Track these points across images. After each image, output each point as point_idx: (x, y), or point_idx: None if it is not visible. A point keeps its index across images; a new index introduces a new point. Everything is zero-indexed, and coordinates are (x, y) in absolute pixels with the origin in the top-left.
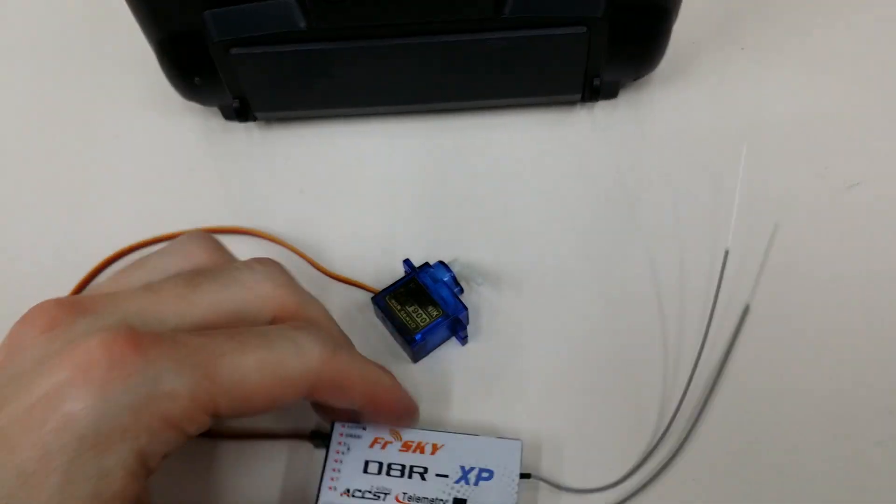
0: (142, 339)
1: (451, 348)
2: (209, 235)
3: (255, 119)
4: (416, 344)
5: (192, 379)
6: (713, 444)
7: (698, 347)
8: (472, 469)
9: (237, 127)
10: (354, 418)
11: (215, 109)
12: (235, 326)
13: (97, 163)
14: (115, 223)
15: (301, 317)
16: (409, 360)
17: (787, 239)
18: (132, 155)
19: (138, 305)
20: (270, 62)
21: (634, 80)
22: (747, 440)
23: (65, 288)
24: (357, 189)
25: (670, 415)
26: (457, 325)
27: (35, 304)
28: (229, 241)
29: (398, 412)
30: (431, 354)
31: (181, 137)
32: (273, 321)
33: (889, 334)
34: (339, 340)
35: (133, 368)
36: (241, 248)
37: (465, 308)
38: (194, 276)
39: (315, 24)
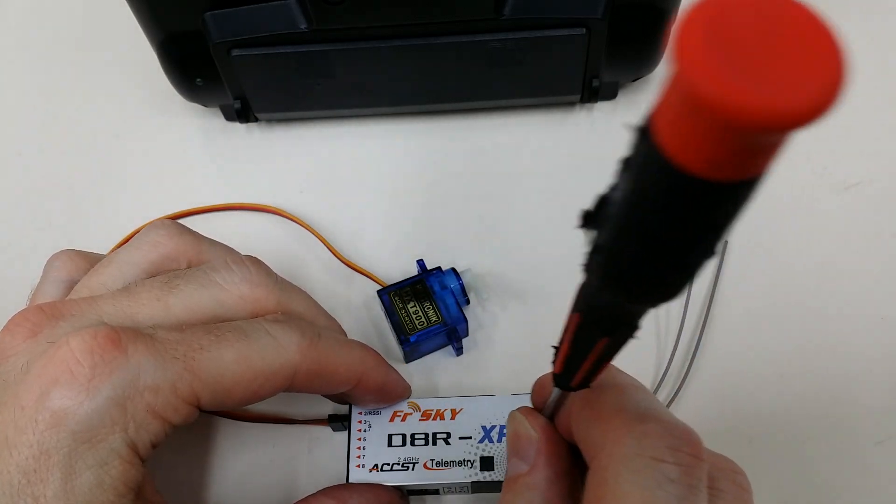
0: (121, 335)
1: (445, 356)
2: (172, 222)
3: (255, 120)
4: (409, 345)
5: (173, 372)
6: (709, 384)
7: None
8: (493, 427)
9: (238, 127)
10: (343, 401)
11: (216, 110)
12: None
13: (98, 163)
14: (116, 222)
15: (282, 312)
16: (402, 359)
17: (787, 239)
18: (133, 155)
19: (115, 308)
20: (271, 63)
21: (633, 80)
22: (741, 375)
23: None
24: (357, 190)
25: (667, 361)
26: (453, 334)
27: (25, 300)
28: (250, 219)
29: (386, 392)
30: (424, 359)
31: (182, 138)
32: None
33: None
34: (320, 329)
35: (115, 364)
36: (260, 226)
37: (466, 320)
38: (172, 279)
39: (315, 25)
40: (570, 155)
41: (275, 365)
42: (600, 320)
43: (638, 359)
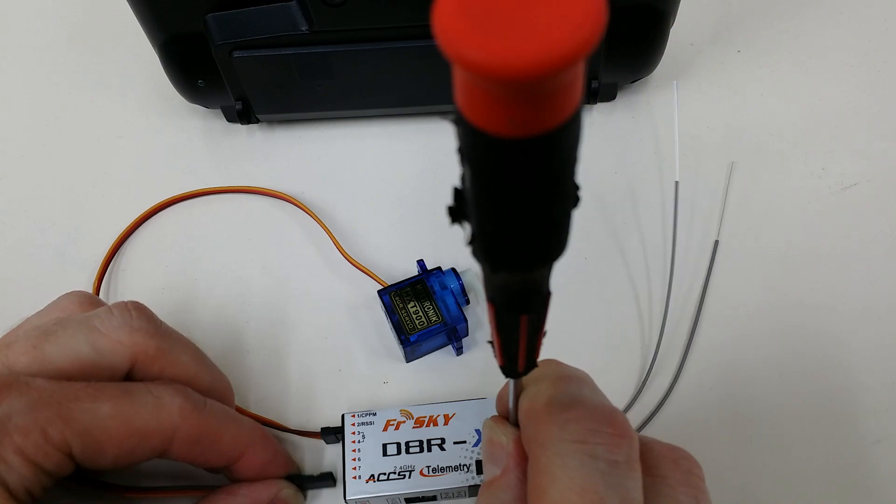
0: None
1: (445, 356)
2: (84, 292)
3: (257, 121)
4: (409, 344)
5: (44, 416)
6: (703, 384)
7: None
8: None
9: (239, 129)
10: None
11: (218, 111)
12: (94, 377)
13: (100, 164)
14: (117, 222)
15: (163, 361)
16: (403, 359)
17: (784, 238)
18: (135, 156)
19: None
20: (272, 65)
21: (632, 82)
22: (737, 374)
23: (63, 284)
24: (357, 190)
25: (650, 359)
26: (453, 334)
27: (32, 299)
28: (261, 203)
29: (270, 471)
30: (425, 359)
31: (184, 139)
32: (133, 365)
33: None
34: (207, 400)
35: None
36: (269, 211)
37: (465, 320)
38: (50, 326)
39: (316, 27)
40: None
41: (152, 423)
42: (511, 301)
43: (625, 359)
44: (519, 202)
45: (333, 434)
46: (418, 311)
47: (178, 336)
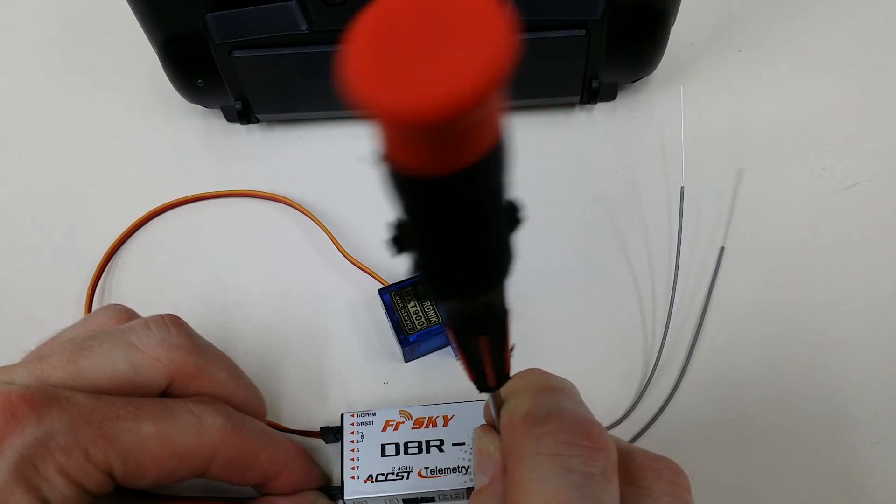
0: (35, 396)
1: (445, 356)
2: (122, 306)
3: (256, 121)
4: (408, 345)
5: (86, 436)
6: (706, 385)
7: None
8: None
9: (239, 128)
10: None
11: (217, 111)
12: (131, 394)
13: (99, 164)
14: (116, 222)
15: (200, 379)
16: (402, 359)
17: (786, 239)
18: (134, 156)
19: (27, 371)
20: (272, 64)
21: (633, 82)
22: (739, 375)
23: (61, 284)
24: (357, 190)
25: (653, 361)
26: None
27: (31, 299)
28: (260, 205)
29: (305, 485)
30: (424, 359)
31: (183, 139)
32: (170, 383)
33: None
34: (246, 417)
35: (27, 422)
36: (268, 213)
37: None
38: (85, 340)
39: (316, 26)
40: (569, 156)
41: (193, 445)
42: (466, 324)
43: (627, 361)
44: (449, 235)
45: (333, 434)
46: (418, 310)
47: (215, 351)
